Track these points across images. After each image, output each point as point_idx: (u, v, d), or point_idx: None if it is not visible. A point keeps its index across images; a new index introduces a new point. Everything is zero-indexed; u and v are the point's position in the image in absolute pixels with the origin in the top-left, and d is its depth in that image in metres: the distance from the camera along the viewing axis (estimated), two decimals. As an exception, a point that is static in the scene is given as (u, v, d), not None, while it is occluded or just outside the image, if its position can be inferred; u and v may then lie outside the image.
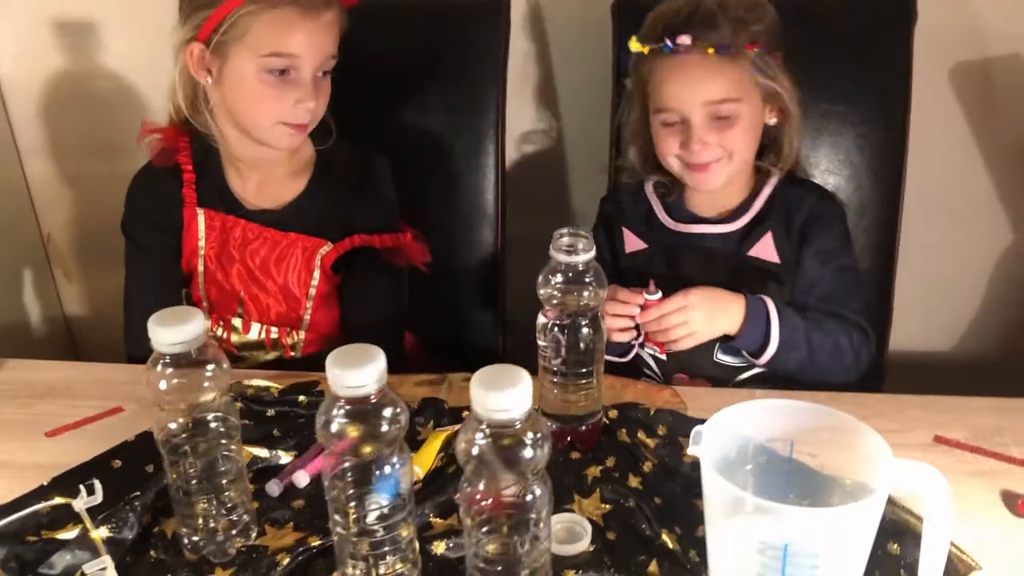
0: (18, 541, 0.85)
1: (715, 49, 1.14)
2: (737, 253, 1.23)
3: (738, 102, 1.16)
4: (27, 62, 1.68)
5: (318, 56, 1.18)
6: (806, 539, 0.68)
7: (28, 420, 1.08)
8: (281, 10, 1.14)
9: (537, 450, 0.69)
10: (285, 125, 1.20)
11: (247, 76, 1.17)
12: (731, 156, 1.19)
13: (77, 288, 1.88)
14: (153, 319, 0.78)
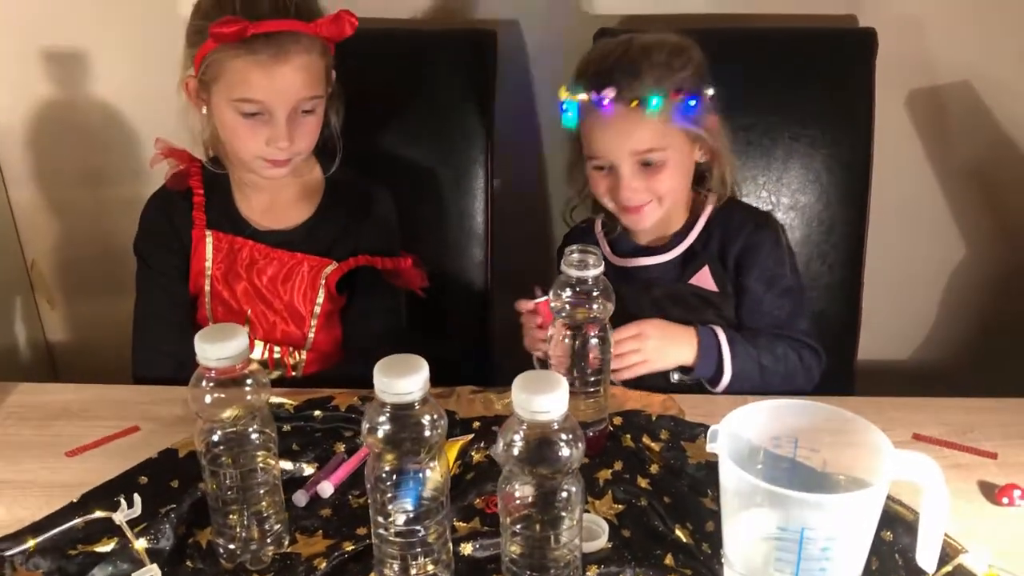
0: (61, 555, 0.88)
1: (638, 103, 1.17)
2: (677, 281, 1.28)
3: (664, 150, 1.20)
4: (14, 90, 1.69)
5: (287, 100, 1.20)
6: (821, 524, 0.74)
7: (46, 441, 1.10)
8: (248, 58, 1.17)
9: (573, 449, 0.75)
10: (264, 160, 1.24)
11: (225, 114, 1.22)
12: (661, 199, 1.24)
13: (60, 315, 1.87)
14: (200, 335, 0.82)
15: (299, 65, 1.19)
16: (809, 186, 1.43)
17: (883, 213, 1.49)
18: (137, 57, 1.62)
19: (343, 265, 1.32)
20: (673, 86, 1.18)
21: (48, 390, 1.23)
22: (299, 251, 1.32)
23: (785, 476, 0.84)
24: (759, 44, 1.46)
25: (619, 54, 1.21)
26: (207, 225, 1.31)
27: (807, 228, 1.44)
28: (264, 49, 1.16)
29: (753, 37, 1.49)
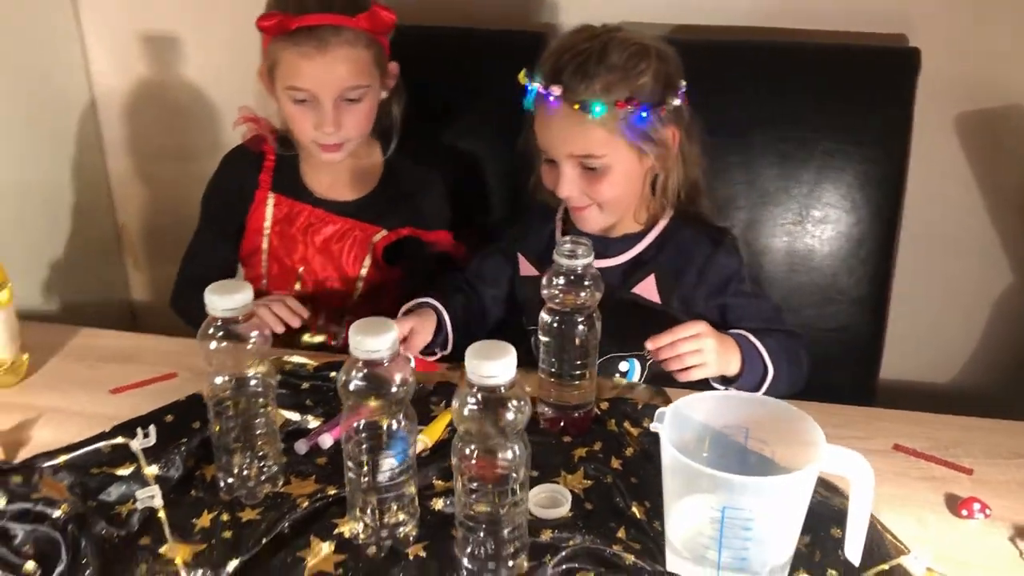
0: (84, 472, 1.01)
1: (580, 106, 1.13)
2: (619, 288, 1.25)
3: (603, 157, 1.17)
4: (117, 70, 1.87)
5: (332, 88, 1.30)
6: (742, 504, 0.79)
7: (96, 379, 1.23)
8: (292, 49, 1.28)
9: (518, 414, 0.82)
10: (318, 145, 1.36)
11: (282, 100, 1.35)
12: (601, 205, 1.21)
13: (143, 276, 2.05)
14: (209, 288, 0.93)
15: (341, 56, 1.28)
16: (841, 200, 1.45)
17: (919, 234, 1.49)
18: (224, 43, 1.77)
19: (391, 233, 1.44)
20: (623, 95, 1.14)
21: (104, 335, 1.37)
22: (353, 218, 1.43)
23: (735, 464, 0.88)
24: (800, 58, 1.49)
25: (577, 51, 1.16)
26: (271, 188, 1.44)
27: (836, 241, 1.46)
28: (307, 41, 1.27)
29: (795, 50, 1.51)
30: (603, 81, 1.14)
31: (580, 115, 1.14)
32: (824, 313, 1.48)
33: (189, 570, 0.88)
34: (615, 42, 1.16)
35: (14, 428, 1.12)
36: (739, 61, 1.50)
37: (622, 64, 1.15)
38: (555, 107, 1.15)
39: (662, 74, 1.17)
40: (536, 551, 0.90)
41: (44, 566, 0.87)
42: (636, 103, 1.14)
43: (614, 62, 1.14)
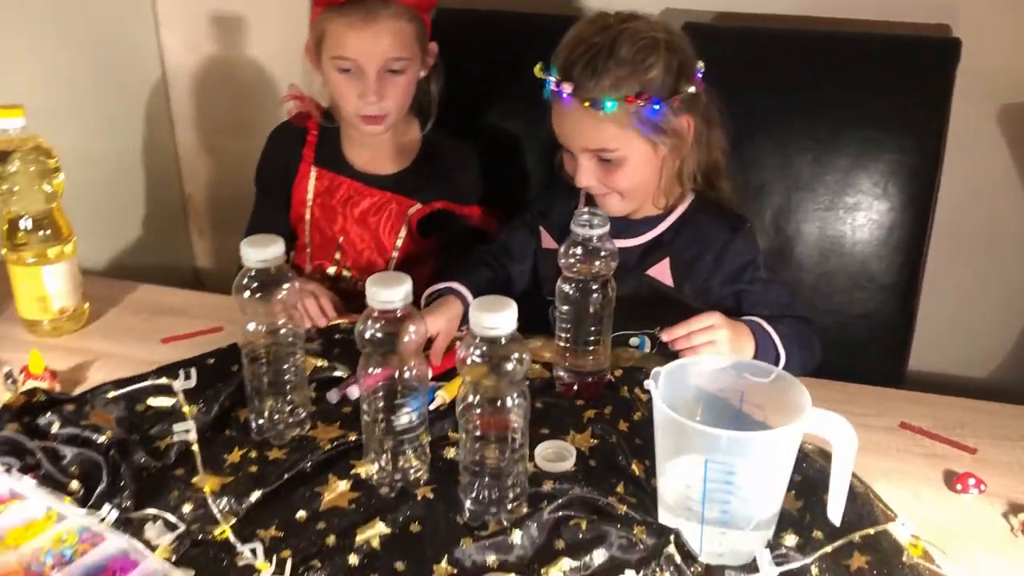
0: (130, 407, 1.10)
1: (591, 104, 1.15)
2: (635, 269, 1.28)
3: (617, 150, 1.19)
4: (186, 48, 1.98)
5: (376, 58, 1.36)
6: (723, 457, 0.83)
7: (149, 330, 1.33)
8: (340, 19, 1.35)
9: (516, 364, 0.87)
10: (360, 116, 1.42)
11: (329, 72, 1.41)
12: (621, 193, 1.24)
13: (207, 244, 2.17)
14: (244, 242, 1.00)
15: (386, 28, 1.35)
16: (873, 188, 1.46)
17: (954, 226, 1.50)
18: (283, 23, 1.85)
19: (426, 207, 1.51)
20: (633, 90, 1.15)
21: (161, 292, 1.47)
22: (390, 191, 1.50)
23: (730, 426, 0.92)
24: (839, 46, 1.50)
25: (587, 46, 1.17)
26: (314, 162, 1.52)
27: (867, 228, 1.47)
28: (355, 12, 1.34)
29: (834, 39, 1.53)
30: (612, 77, 1.15)
31: (592, 111, 1.16)
32: (854, 299, 1.49)
33: (216, 498, 0.96)
34: (624, 36, 1.16)
35: (72, 369, 1.22)
36: (778, 48, 1.53)
37: (631, 59, 1.15)
38: (568, 103, 1.18)
39: (673, 65, 1.18)
40: (535, 499, 0.95)
41: (87, 486, 0.96)
42: (647, 97, 1.16)
43: (623, 57, 1.15)
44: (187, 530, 0.92)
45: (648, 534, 0.89)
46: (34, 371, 1.14)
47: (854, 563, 0.87)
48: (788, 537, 0.90)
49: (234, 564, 0.88)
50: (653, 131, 1.19)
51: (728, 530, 0.87)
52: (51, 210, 1.28)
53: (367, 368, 0.95)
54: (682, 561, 0.87)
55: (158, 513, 0.93)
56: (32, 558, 0.80)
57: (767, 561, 0.86)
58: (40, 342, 1.28)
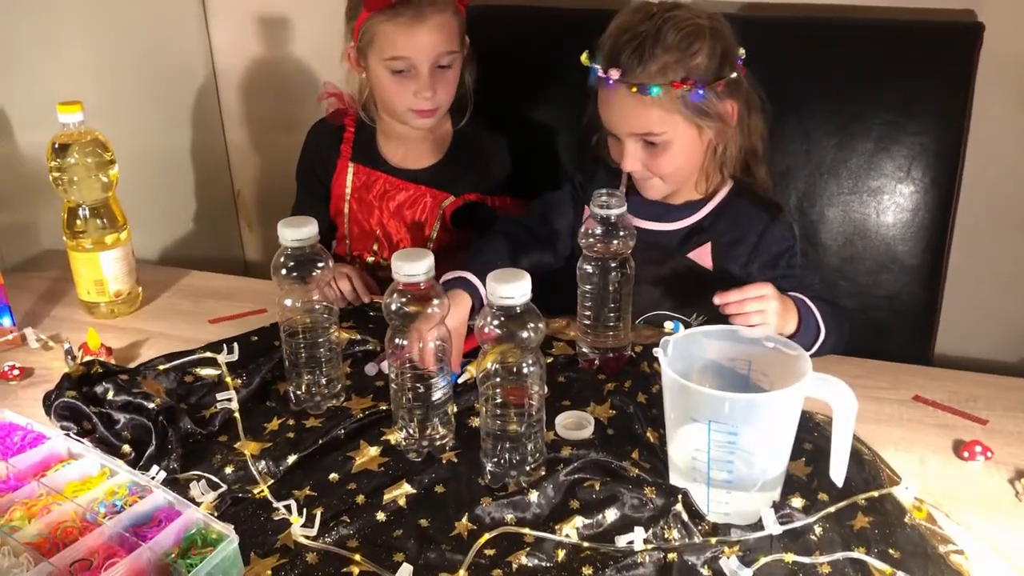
0: (178, 379, 1.18)
1: (638, 89, 1.19)
2: (676, 253, 1.32)
3: (664, 134, 1.22)
4: (235, 49, 2.07)
5: (430, 55, 1.42)
6: (724, 418, 0.87)
7: (197, 312, 1.42)
8: (394, 21, 1.40)
9: (531, 332, 0.93)
10: (412, 111, 1.48)
11: (379, 74, 1.46)
12: (664, 177, 1.28)
13: (256, 237, 2.26)
14: (281, 223, 1.07)
15: (436, 24, 1.40)
16: (896, 171, 1.48)
17: (979, 209, 1.50)
18: (327, 24, 1.92)
19: (459, 199, 1.56)
20: (679, 75, 1.19)
21: (209, 277, 1.56)
22: (424, 185, 1.56)
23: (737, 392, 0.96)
24: (863, 32, 1.52)
25: (634, 33, 1.20)
26: (351, 158, 1.58)
27: (891, 211, 1.49)
28: (405, 12, 1.39)
29: (858, 25, 1.55)
30: (659, 63, 1.19)
31: (639, 96, 1.20)
32: (878, 281, 1.51)
33: (255, 460, 1.03)
34: (670, 23, 1.20)
35: (126, 347, 1.30)
36: (802, 35, 1.55)
37: (676, 45, 1.19)
38: (614, 88, 1.22)
39: (717, 51, 1.21)
40: (553, 463, 1.00)
41: (137, 450, 1.04)
42: (692, 82, 1.19)
43: (669, 43, 1.19)
44: (228, 489, 0.99)
45: (658, 494, 0.94)
46: (92, 348, 1.23)
47: (857, 523, 0.91)
48: (795, 500, 0.94)
49: (271, 519, 0.95)
50: (698, 115, 1.22)
51: (734, 491, 0.91)
52: (107, 199, 1.37)
53: (394, 340, 1.02)
54: (689, 519, 0.91)
55: (202, 474, 1.01)
56: (87, 508, 0.88)
57: (772, 520, 0.90)
58: (98, 323, 1.38)
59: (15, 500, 0.90)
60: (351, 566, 0.88)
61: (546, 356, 1.22)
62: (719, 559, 0.87)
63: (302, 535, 0.92)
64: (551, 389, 1.14)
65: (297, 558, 0.89)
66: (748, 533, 0.90)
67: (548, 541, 0.90)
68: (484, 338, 0.95)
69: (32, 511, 0.89)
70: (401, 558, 0.89)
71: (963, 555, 0.87)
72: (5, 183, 1.61)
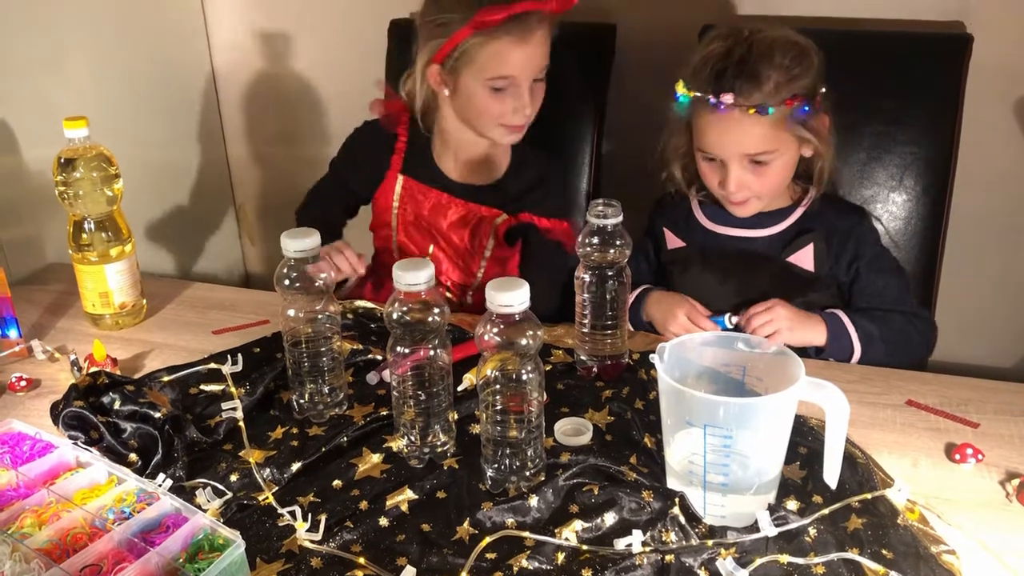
0: (184, 390, 1.20)
1: (756, 110, 1.23)
2: (776, 258, 1.36)
3: (774, 151, 1.27)
4: (235, 64, 2.10)
5: (532, 71, 1.40)
6: (722, 423, 0.89)
7: (201, 322, 1.44)
8: (499, 40, 1.35)
9: (529, 339, 0.95)
10: (504, 126, 1.44)
11: (475, 92, 1.41)
12: (762, 196, 1.33)
13: (258, 251, 2.28)
14: (284, 235, 1.09)
15: (540, 40, 1.38)
16: (889, 180, 1.51)
17: (970, 217, 1.53)
18: (329, 40, 1.97)
19: (511, 219, 1.52)
20: (791, 93, 1.23)
21: (213, 289, 1.58)
22: (477, 202, 1.52)
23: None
24: (854, 43, 1.55)
25: (740, 55, 1.24)
26: (401, 169, 1.53)
27: (884, 219, 1.52)
28: (515, 30, 1.35)
29: (850, 37, 1.58)
30: (773, 83, 1.23)
31: (754, 117, 1.24)
32: (872, 289, 1.53)
33: (259, 468, 1.04)
34: (775, 44, 1.25)
35: (131, 358, 1.32)
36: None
37: (787, 65, 1.24)
38: (726, 112, 1.24)
39: (816, 66, 1.26)
40: (553, 468, 1.02)
41: (144, 458, 1.05)
42: (801, 99, 1.24)
43: (779, 63, 1.24)
44: (234, 496, 1.01)
45: (655, 497, 0.96)
46: (97, 359, 1.25)
47: (851, 525, 0.92)
48: (790, 502, 0.95)
49: (275, 525, 0.96)
50: (804, 129, 1.27)
51: (729, 494, 0.93)
52: (112, 212, 1.39)
53: (397, 349, 1.04)
54: (686, 522, 0.93)
55: (207, 482, 1.03)
56: (96, 515, 0.90)
57: (767, 522, 0.92)
58: (103, 334, 1.40)
59: (25, 508, 0.92)
60: (355, 570, 0.90)
61: (545, 363, 1.24)
62: (715, 561, 0.89)
63: (307, 540, 0.93)
64: (550, 396, 1.16)
65: (302, 563, 0.91)
66: (744, 535, 0.91)
67: (548, 544, 0.92)
68: (484, 346, 0.97)
69: (42, 518, 0.90)
70: (404, 562, 0.91)
71: (954, 555, 0.89)
72: (11, 198, 1.63)
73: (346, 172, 1.60)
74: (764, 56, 1.24)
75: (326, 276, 1.12)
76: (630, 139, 1.84)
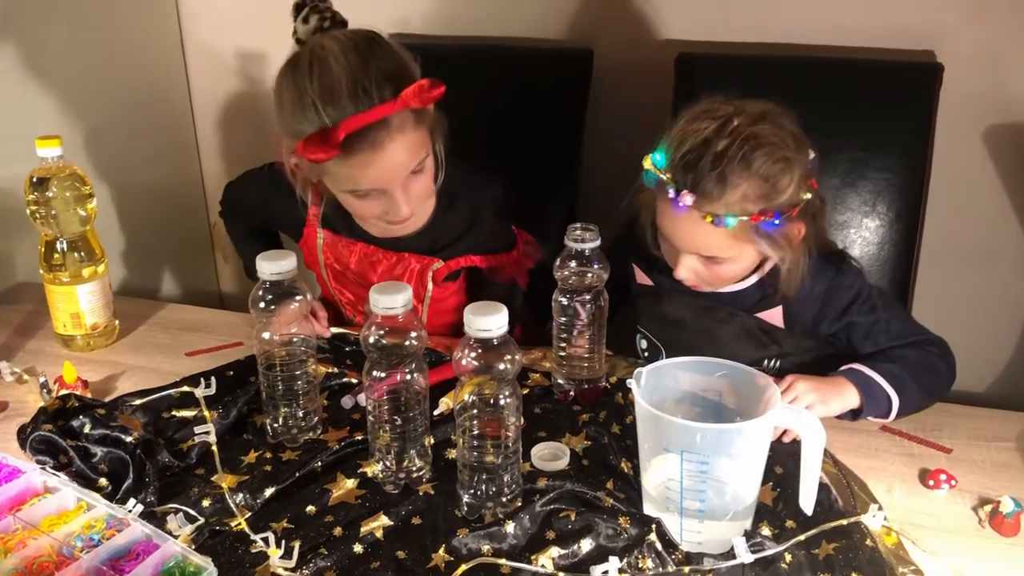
0: (156, 413, 1.18)
1: (712, 219, 1.10)
2: (746, 311, 1.26)
3: (727, 257, 1.16)
4: (212, 84, 2.09)
5: (396, 177, 1.21)
6: (696, 447, 0.89)
7: (174, 344, 1.42)
8: (343, 162, 1.17)
9: (508, 363, 0.95)
10: (385, 221, 1.30)
11: (342, 197, 1.27)
12: (715, 285, 1.23)
13: (232, 270, 2.27)
14: (260, 256, 1.08)
15: (399, 145, 1.18)
16: (862, 206, 1.53)
17: (942, 243, 1.55)
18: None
19: (449, 264, 1.39)
20: (759, 207, 1.10)
21: (186, 310, 1.56)
22: (406, 251, 1.38)
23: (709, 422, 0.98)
24: (828, 72, 1.58)
25: (718, 149, 1.09)
26: (320, 223, 1.40)
27: (858, 244, 1.54)
28: (359, 146, 1.16)
29: (824, 65, 1.60)
30: (740, 193, 1.09)
31: (711, 225, 1.11)
32: (846, 313, 1.55)
33: (232, 494, 1.03)
34: (759, 148, 1.09)
35: (103, 380, 1.30)
36: (771, 75, 1.60)
37: (763, 175, 1.09)
38: (683, 210, 1.11)
39: (798, 177, 1.11)
40: (529, 494, 1.02)
41: (114, 483, 1.04)
42: (770, 214, 1.10)
43: (755, 171, 1.09)
44: (206, 522, 0.99)
45: (632, 524, 0.95)
46: (68, 381, 1.23)
47: (822, 551, 0.93)
48: (765, 528, 0.96)
49: (248, 551, 0.95)
50: (767, 241, 1.14)
51: (706, 520, 0.93)
52: (85, 233, 1.37)
53: (373, 373, 1.03)
54: (663, 549, 0.92)
55: (179, 507, 1.01)
56: (63, 542, 0.88)
57: (743, 549, 0.91)
58: (74, 356, 1.38)
59: (-10, 535, 0.90)
60: (329, 598, 0.89)
61: (522, 387, 1.23)
62: (692, 587, 0.89)
63: (280, 567, 0.92)
64: (527, 420, 1.15)
65: (275, 590, 0.90)
66: (720, 562, 0.91)
67: (524, 571, 0.91)
68: (461, 370, 0.96)
69: (8, 546, 0.89)
70: (379, 589, 0.90)
71: (921, 574, 0.90)
72: (-19, 216, 1.61)
73: (260, 211, 1.46)
74: (743, 159, 1.08)
75: (301, 299, 1.11)
76: (608, 163, 1.85)
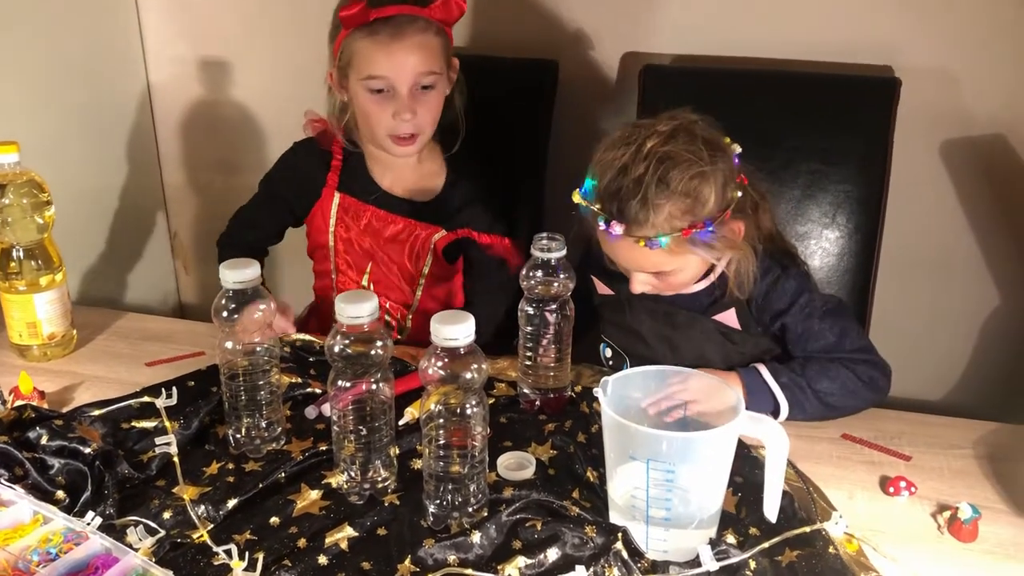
0: (115, 424, 1.16)
1: (645, 243, 1.13)
2: (702, 314, 1.27)
3: (673, 269, 1.19)
4: (173, 90, 2.06)
5: (409, 74, 1.38)
6: (662, 455, 0.90)
7: (134, 354, 1.40)
8: (372, 39, 1.37)
9: (474, 372, 0.94)
10: (392, 137, 1.44)
11: (359, 94, 1.42)
12: (674, 291, 1.25)
13: (193, 280, 2.23)
14: (223, 265, 1.07)
15: (415, 43, 1.38)
16: (822, 218, 1.55)
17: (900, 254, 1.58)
18: (268, 68, 1.95)
19: (450, 234, 1.51)
20: (687, 223, 1.12)
21: (146, 319, 1.54)
22: (415, 218, 1.51)
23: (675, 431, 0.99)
24: (789, 85, 1.60)
25: (636, 176, 1.11)
26: (337, 187, 1.51)
27: (818, 255, 1.56)
28: (383, 30, 1.36)
29: (785, 79, 1.62)
30: (666, 213, 1.12)
31: (646, 248, 1.13)
32: (806, 323, 1.57)
33: (194, 506, 1.02)
34: (679, 164, 1.11)
35: (60, 390, 1.28)
36: (732, 87, 1.62)
37: (683, 191, 1.11)
38: (618, 239, 1.15)
39: (720, 183, 1.14)
40: (495, 503, 1.01)
41: (72, 495, 1.02)
42: (700, 225, 1.13)
43: (676, 189, 1.11)
44: (167, 534, 0.98)
45: (598, 533, 0.95)
46: (24, 391, 1.20)
47: (785, 558, 0.93)
48: (729, 536, 0.96)
49: (211, 564, 0.94)
50: (705, 248, 1.17)
51: (672, 528, 0.94)
52: (42, 240, 1.35)
53: (338, 382, 1.02)
54: (629, 557, 0.93)
55: (139, 520, 0.99)
56: (19, 556, 0.86)
57: (709, 557, 0.92)
58: (30, 366, 1.35)
59: (-57, 549, 0.88)
60: (293, 610, 0.88)
61: (488, 396, 1.23)
62: (658, 596, 0.89)
63: (243, 580, 0.91)
64: (493, 429, 1.15)
65: (238, 603, 0.88)
66: (686, 570, 0.92)
67: (491, 581, 0.91)
68: (427, 379, 0.96)
69: (-39, 560, 0.87)
70: (344, 601, 0.89)
71: (883, 580, 0.91)
72: (-66, 223, 1.57)
73: (282, 187, 1.56)
74: (660, 181, 1.11)
75: (265, 308, 1.10)
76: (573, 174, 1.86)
